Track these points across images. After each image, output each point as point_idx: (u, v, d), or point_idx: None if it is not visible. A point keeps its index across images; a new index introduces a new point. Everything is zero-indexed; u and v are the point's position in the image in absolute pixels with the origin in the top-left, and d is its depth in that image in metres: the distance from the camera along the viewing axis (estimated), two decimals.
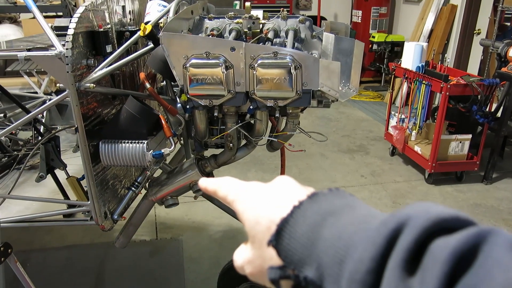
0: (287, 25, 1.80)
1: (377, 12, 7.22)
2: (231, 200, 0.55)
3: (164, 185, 1.86)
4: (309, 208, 0.45)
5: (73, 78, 1.45)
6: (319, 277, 0.41)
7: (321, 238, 0.42)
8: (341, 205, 0.45)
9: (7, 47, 2.22)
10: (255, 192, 0.53)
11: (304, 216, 0.45)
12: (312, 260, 0.42)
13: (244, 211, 0.52)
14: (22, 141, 2.57)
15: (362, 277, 0.36)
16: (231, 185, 0.57)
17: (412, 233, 0.35)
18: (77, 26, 1.44)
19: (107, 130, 1.66)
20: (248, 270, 0.52)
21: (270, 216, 0.48)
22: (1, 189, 2.15)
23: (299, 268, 0.44)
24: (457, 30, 5.86)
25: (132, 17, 1.92)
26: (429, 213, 0.36)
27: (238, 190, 0.55)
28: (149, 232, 3.24)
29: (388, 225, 0.37)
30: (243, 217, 0.52)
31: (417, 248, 0.35)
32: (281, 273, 0.45)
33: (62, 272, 2.81)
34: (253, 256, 0.51)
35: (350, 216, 0.43)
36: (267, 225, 0.48)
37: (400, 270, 0.34)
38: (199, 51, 1.47)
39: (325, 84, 1.48)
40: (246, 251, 0.53)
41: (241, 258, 0.53)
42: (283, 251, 0.45)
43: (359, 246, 0.38)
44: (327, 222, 0.43)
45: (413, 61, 4.21)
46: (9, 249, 1.64)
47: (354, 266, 0.37)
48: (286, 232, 0.45)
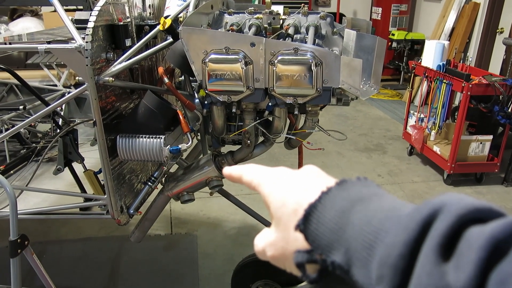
0: (308, 21, 1.77)
1: (397, 10, 7.11)
2: (257, 183, 0.55)
3: (180, 180, 1.85)
4: (338, 195, 0.45)
5: (92, 72, 1.45)
6: (347, 262, 0.42)
7: (349, 223, 0.42)
8: (369, 193, 0.45)
9: (29, 40, 2.24)
10: (281, 176, 0.53)
11: (333, 202, 0.45)
12: (340, 245, 0.42)
13: (270, 194, 0.52)
14: (41, 133, 2.59)
15: (394, 261, 0.36)
16: (256, 170, 0.57)
17: (447, 220, 0.35)
18: (97, 19, 1.44)
19: (125, 124, 1.65)
20: (270, 253, 0.52)
21: (297, 199, 0.48)
22: (19, 180, 2.17)
23: (327, 252, 0.44)
24: (479, 28, 5.74)
25: (152, 11, 1.91)
26: (463, 202, 0.36)
27: (264, 174, 0.55)
28: (164, 227, 3.24)
29: (422, 211, 0.37)
30: (269, 199, 0.52)
31: (452, 235, 0.35)
32: (308, 257, 0.46)
33: (77, 264, 2.84)
34: (277, 239, 0.51)
35: (378, 204, 0.43)
36: (293, 208, 0.48)
37: (435, 255, 0.34)
38: (219, 46, 1.45)
39: (346, 82, 1.45)
40: (269, 234, 0.52)
41: (263, 240, 0.53)
42: (311, 235, 0.45)
43: (391, 231, 0.38)
44: (355, 208, 0.43)
45: (433, 59, 4.13)
46: (26, 241, 1.66)
47: (385, 251, 0.37)
48: (314, 217, 0.45)
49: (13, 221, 1.58)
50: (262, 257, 0.54)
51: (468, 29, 5.81)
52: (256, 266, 2.28)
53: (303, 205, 0.47)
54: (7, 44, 1.64)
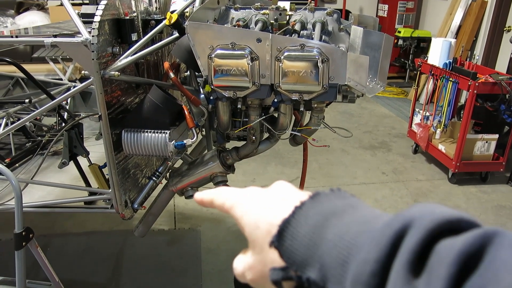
0: (314, 17, 1.76)
1: (404, 7, 7.08)
2: (229, 206, 0.53)
3: (185, 176, 1.85)
4: (311, 209, 0.44)
5: (98, 66, 1.45)
6: (322, 278, 0.41)
7: (323, 238, 0.41)
8: (343, 206, 0.44)
9: (35, 33, 2.24)
10: (253, 196, 0.52)
11: (306, 217, 0.44)
12: (314, 261, 0.42)
13: (243, 216, 0.50)
14: (46, 127, 2.60)
15: (367, 280, 0.36)
16: (228, 193, 0.55)
17: (417, 235, 0.35)
18: (103, 13, 1.44)
19: (130, 119, 1.65)
20: (249, 277, 0.51)
21: (270, 220, 0.47)
22: (24, 174, 2.18)
23: (302, 269, 0.43)
24: (487, 26, 5.70)
25: (158, 5, 1.91)
26: (433, 214, 0.36)
27: (236, 196, 0.53)
28: (168, 221, 3.25)
29: (393, 227, 0.37)
30: (242, 222, 0.50)
31: (422, 250, 0.34)
32: (283, 274, 0.45)
33: (81, 258, 2.85)
34: (254, 262, 0.50)
35: (352, 217, 0.42)
36: (267, 228, 0.47)
37: (406, 272, 0.34)
38: (225, 41, 1.45)
39: (352, 79, 1.44)
40: (246, 258, 0.52)
41: (241, 264, 0.52)
42: (285, 252, 0.44)
43: (363, 248, 0.37)
44: (329, 223, 0.42)
45: (440, 57, 4.11)
46: (31, 234, 1.66)
47: (358, 268, 0.37)
48: (288, 233, 0.44)
49: (18, 214, 1.58)
50: (243, 281, 0.53)
51: (475, 27, 5.77)
52: None
53: (276, 224, 0.46)
54: (13, 38, 1.64)
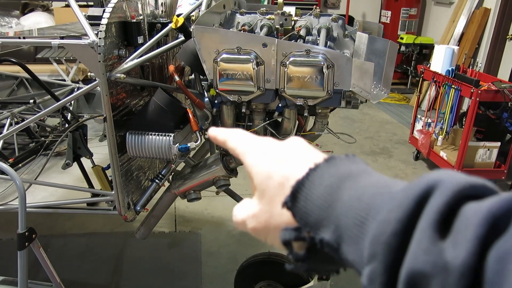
0: (320, 23, 1.77)
1: (407, 13, 7.09)
2: (241, 152, 0.53)
3: (187, 179, 1.86)
4: (326, 171, 0.44)
5: (105, 68, 1.45)
6: (336, 239, 0.41)
7: (339, 200, 0.41)
8: (357, 170, 0.44)
9: (39, 34, 2.25)
10: (267, 147, 0.51)
11: (321, 178, 0.43)
12: (329, 222, 0.41)
13: (255, 165, 0.50)
14: (50, 127, 2.60)
15: (388, 239, 0.35)
16: (242, 137, 0.55)
17: (443, 196, 0.34)
18: (111, 16, 1.45)
19: (135, 121, 1.66)
20: (252, 225, 0.50)
21: (284, 173, 0.47)
22: (28, 174, 2.19)
23: (315, 230, 0.43)
24: (489, 34, 5.71)
25: (164, 9, 1.92)
26: (458, 178, 0.35)
27: (249, 143, 0.53)
28: (168, 224, 3.25)
29: (417, 188, 0.36)
30: (253, 170, 0.50)
31: (448, 211, 0.34)
32: (296, 234, 0.44)
33: (82, 259, 2.85)
34: (260, 211, 0.49)
35: (368, 180, 0.42)
36: (280, 181, 0.47)
37: (432, 232, 0.33)
38: (231, 46, 1.46)
39: (357, 85, 1.45)
40: (251, 205, 0.51)
41: (244, 212, 0.51)
42: (299, 213, 0.44)
43: (383, 208, 0.37)
44: (344, 185, 0.42)
45: (443, 64, 4.12)
46: (33, 234, 1.67)
47: (378, 228, 0.36)
48: (302, 194, 0.44)
49: (21, 214, 1.59)
50: (240, 228, 0.53)
51: (478, 34, 5.79)
52: (260, 266, 2.29)
53: (289, 179, 0.46)
54: (21, 39, 1.65)
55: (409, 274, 0.33)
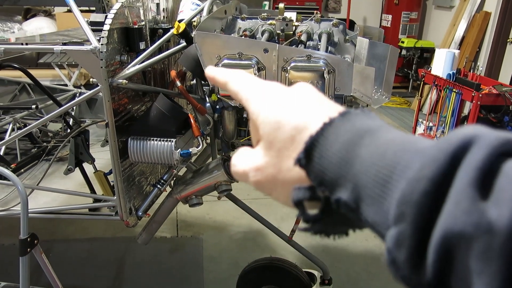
0: (320, 28, 1.78)
1: (407, 17, 7.10)
2: (245, 97, 0.48)
3: (189, 184, 1.86)
4: (341, 126, 0.40)
5: (107, 74, 1.46)
6: (354, 199, 0.37)
7: (357, 157, 0.38)
8: (376, 125, 0.40)
9: (41, 40, 2.26)
10: (275, 93, 0.46)
11: (336, 134, 0.40)
12: (346, 181, 0.38)
13: (261, 112, 0.45)
14: (52, 132, 2.61)
15: (419, 199, 0.32)
16: (246, 80, 0.50)
17: (483, 151, 0.31)
18: (113, 22, 1.45)
19: (137, 126, 1.67)
20: (255, 178, 0.46)
21: (295, 124, 0.42)
22: (29, 179, 2.19)
23: (331, 189, 0.39)
24: (490, 37, 5.72)
25: (166, 14, 1.93)
26: (496, 133, 0.32)
27: (254, 88, 0.48)
28: (170, 229, 3.25)
29: (451, 143, 0.33)
30: (259, 118, 0.45)
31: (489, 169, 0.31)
32: (310, 194, 0.41)
33: (83, 264, 2.85)
34: (266, 164, 0.45)
35: (389, 136, 0.38)
36: (290, 133, 0.42)
37: (472, 191, 0.30)
38: (232, 51, 1.46)
39: (358, 90, 1.45)
40: (255, 157, 0.46)
41: (248, 163, 0.47)
42: (313, 171, 0.40)
43: (413, 165, 0.34)
44: (363, 141, 0.38)
45: (443, 68, 4.12)
46: (35, 240, 1.67)
47: (408, 187, 0.33)
48: (316, 151, 0.40)
49: (23, 220, 1.59)
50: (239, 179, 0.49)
51: (478, 38, 5.79)
52: (262, 271, 2.29)
53: (301, 132, 0.42)
54: (23, 45, 1.66)
55: (445, 236, 0.30)
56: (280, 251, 2.85)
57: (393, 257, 0.34)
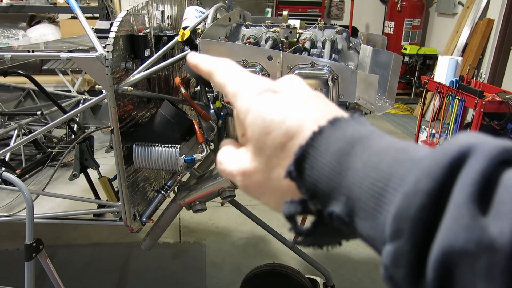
0: (324, 35, 1.79)
1: (410, 24, 7.12)
2: (231, 92, 0.45)
3: (193, 190, 1.87)
4: (331, 135, 0.38)
5: (112, 81, 1.47)
6: (348, 213, 0.36)
7: (350, 168, 0.36)
8: (367, 132, 0.38)
9: (45, 47, 2.28)
10: (263, 89, 0.43)
11: (327, 143, 0.38)
12: (339, 194, 0.36)
13: (249, 111, 0.42)
14: (56, 138, 2.63)
15: (416, 214, 0.30)
16: (234, 72, 0.47)
17: (480, 163, 0.30)
18: (118, 29, 1.47)
19: (141, 133, 1.68)
20: (243, 183, 0.44)
21: (285, 130, 0.40)
22: (34, 185, 2.20)
23: (323, 202, 0.38)
24: (493, 45, 5.73)
25: (170, 22, 1.95)
26: (493, 142, 0.31)
27: (242, 82, 0.45)
28: (173, 235, 3.26)
29: (447, 154, 0.31)
30: (247, 119, 0.42)
31: (487, 181, 0.29)
32: (301, 208, 0.40)
33: (87, 269, 2.86)
34: (254, 170, 0.43)
35: (382, 144, 0.36)
36: (280, 140, 0.40)
37: (471, 206, 0.29)
38: (237, 58, 1.47)
39: (361, 97, 1.46)
40: (243, 159, 0.44)
41: (235, 164, 0.45)
42: (304, 183, 0.39)
43: (408, 178, 0.32)
44: (355, 150, 0.36)
45: (446, 75, 4.13)
46: (41, 245, 1.68)
47: (404, 201, 0.31)
48: (307, 163, 0.38)
49: (29, 225, 1.60)
50: (224, 176, 0.48)
51: (481, 45, 5.80)
52: (264, 277, 2.29)
53: (292, 139, 0.39)
54: (30, 52, 1.68)
55: (445, 253, 0.29)
56: (283, 257, 2.85)
57: (390, 274, 0.33)
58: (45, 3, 4.76)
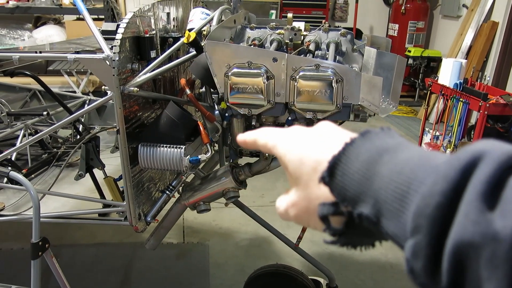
0: (328, 37, 1.81)
1: (414, 26, 7.12)
2: (272, 145, 0.54)
3: (197, 190, 1.88)
4: (362, 145, 0.44)
5: (118, 81, 1.49)
6: (375, 214, 0.41)
7: (377, 174, 0.41)
8: (394, 143, 0.44)
9: (50, 49, 2.31)
10: (297, 134, 0.52)
11: (357, 153, 0.44)
12: (367, 197, 0.41)
13: (286, 153, 0.51)
14: (62, 139, 2.65)
15: (432, 212, 0.35)
16: (271, 132, 0.56)
17: (490, 166, 0.34)
18: (125, 31, 1.48)
19: (147, 133, 1.69)
20: (293, 213, 0.51)
21: (316, 157, 0.47)
22: (40, 184, 2.22)
23: (353, 204, 0.43)
24: (497, 47, 5.72)
25: (176, 23, 1.96)
26: (504, 148, 0.35)
27: (279, 135, 0.54)
28: (177, 235, 3.27)
29: (461, 159, 0.36)
30: (285, 159, 0.51)
31: (495, 182, 0.33)
32: (334, 209, 0.45)
33: (91, 269, 2.87)
34: (298, 198, 0.50)
35: (407, 153, 0.41)
36: (312, 166, 0.47)
37: (480, 203, 0.33)
38: (241, 60, 1.49)
39: (366, 99, 1.47)
40: (289, 196, 0.52)
41: (285, 202, 0.52)
42: (336, 187, 0.44)
43: (427, 181, 0.37)
44: (383, 159, 0.42)
45: (450, 77, 4.13)
46: (47, 244, 1.69)
47: (422, 201, 0.36)
48: (339, 169, 0.44)
49: (35, 224, 1.62)
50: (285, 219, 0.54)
51: (486, 48, 5.80)
52: (268, 278, 2.29)
53: (321, 162, 0.46)
54: (38, 53, 1.69)
55: (456, 245, 0.33)
56: (286, 258, 2.86)
57: (411, 266, 0.37)
58: (51, 4, 4.80)
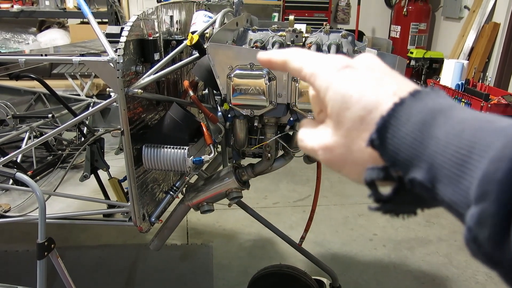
0: (330, 39, 1.82)
1: (416, 28, 7.13)
2: (309, 72, 0.48)
3: (201, 191, 1.90)
4: (413, 106, 0.40)
5: (123, 84, 1.51)
6: (430, 179, 0.38)
7: (432, 137, 0.38)
8: (448, 105, 0.40)
9: (55, 52, 2.33)
10: (339, 67, 0.46)
11: (408, 114, 0.40)
12: (421, 161, 0.38)
13: (329, 89, 0.45)
14: (66, 141, 2.67)
15: (503, 177, 0.32)
16: (307, 56, 0.49)
17: None
18: (129, 34, 1.51)
19: (151, 134, 1.71)
20: (325, 157, 0.47)
21: (364, 104, 0.42)
22: (45, 186, 2.25)
23: (405, 169, 0.40)
24: (499, 48, 5.73)
25: (179, 26, 1.99)
26: None
27: (318, 62, 0.48)
28: (180, 236, 3.29)
29: None
30: (327, 96, 0.45)
31: None
32: (383, 174, 0.42)
33: (95, 271, 2.89)
34: (336, 144, 0.46)
35: (463, 115, 0.38)
36: (359, 114, 0.43)
37: None
38: (244, 62, 1.51)
39: None
40: (324, 135, 0.47)
41: (316, 140, 0.48)
42: (386, 151, 0.41)
43: (494, 144, 0.34)
44: (437, 121, 0.38)
45: (452, 78, 4.15)
46: (52, 244, 1.71)
47: (491, 166, 0.33)
48: (388, 132, 0.40)
49: (41, 225, 1.64)
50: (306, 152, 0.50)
51: (487, 49, 5.80)
52: (271, 279, 2.31)
53: (371, 112, 0.42)
54: (43, 56, 1.72)
55: None
56: (290, 258, 2.87)
57: (474, 235, 0.34)
58: (55, 8, 4.84)
